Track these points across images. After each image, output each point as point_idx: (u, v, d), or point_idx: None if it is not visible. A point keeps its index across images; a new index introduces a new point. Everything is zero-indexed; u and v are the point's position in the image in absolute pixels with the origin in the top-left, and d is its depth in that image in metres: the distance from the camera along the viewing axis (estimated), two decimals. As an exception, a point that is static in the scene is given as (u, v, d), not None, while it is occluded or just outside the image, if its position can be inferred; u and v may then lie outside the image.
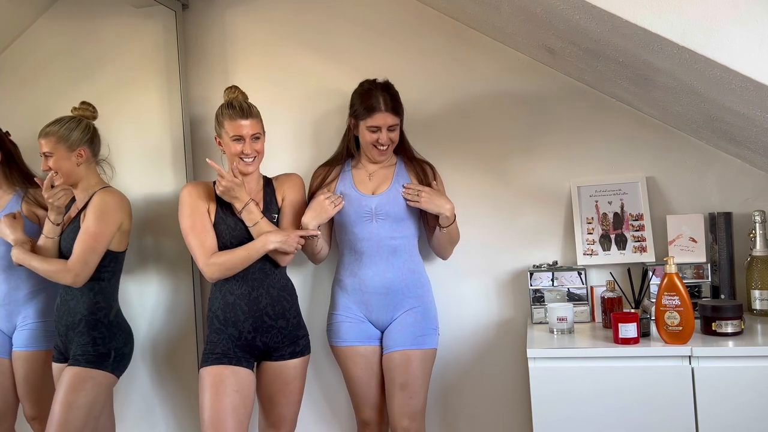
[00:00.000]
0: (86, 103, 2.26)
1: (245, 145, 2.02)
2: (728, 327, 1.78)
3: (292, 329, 2.07)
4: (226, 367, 1.97)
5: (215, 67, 2.51)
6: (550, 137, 2.25)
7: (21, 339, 2.25)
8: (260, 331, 2.02)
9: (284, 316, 2.05)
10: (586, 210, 2.21)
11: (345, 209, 2.09)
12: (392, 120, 2.04)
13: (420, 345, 2.05)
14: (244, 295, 2.01)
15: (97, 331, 2.11)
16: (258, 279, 2.03)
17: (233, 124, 2.02)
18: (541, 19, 1.73)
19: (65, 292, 2.15)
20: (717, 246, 2.06)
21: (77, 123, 2.18)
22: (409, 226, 2.10)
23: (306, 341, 2.12)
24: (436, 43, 2.33)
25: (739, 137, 1.86)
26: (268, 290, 2.04)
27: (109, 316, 2.15)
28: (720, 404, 1.69)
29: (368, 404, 2.11)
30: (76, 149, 2.15)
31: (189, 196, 2.05)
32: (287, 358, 2.06)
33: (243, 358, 2.01)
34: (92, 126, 2.23)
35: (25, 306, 2.27)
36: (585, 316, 2.11)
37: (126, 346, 2.18)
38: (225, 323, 2.02)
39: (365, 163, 2.14)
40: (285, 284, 2.10)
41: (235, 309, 2.01)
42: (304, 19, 2.44)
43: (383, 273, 2.06)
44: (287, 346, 2.06)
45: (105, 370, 2.09)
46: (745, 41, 1.29)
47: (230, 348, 2.00)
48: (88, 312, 2.11)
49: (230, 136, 2.02)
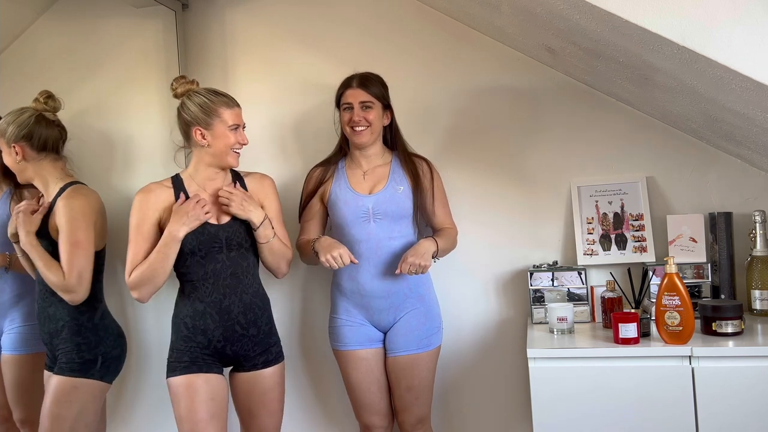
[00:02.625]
0: (43, 93, 2.11)
1: (239, 133, 1.93)
2: (728, 327, 1.78)
3: (263, 337, 1.98)
4: (197, 375, 1.88)
5: (215, 67, 2.51)
6: (550, 137, 2.25)
7: (9, 343, 2.22)
8: (230, 340, 1.92)
9: (256, 323, 1.96)
10: (586, 210, 2.20)
11: (341, 210, 2.07)
12: (363, 96, 2.03)
13: (426, 347, 2.05)
14: (215, 303, 1.91)
15: (81, 336, 2.02)
16: (230, 285, 1.92)
17: (232, 112, 1.92)
18: (541, 19, 1.73)
19: (41, 298, 2.06)
20: (717, 246, 2.06)
21: (16, 115, 2.04)
22: (407, 225, 2.08)
23: (278, 348, 2.03)
24: (437, 43, 2.33)
25: (739, 137, 1.86)
26: (240, 297, 1.93)
27: (93, 319, 2.06)
28: (720, 404, 1.69)
29: (369, 408, 2.10)
30: (12, 145, 2.02)
31: (140, 205, 1.91)
32: (260, 368, 1.97)
33: (212, 364, 1.92)
34: (35, 118, 2.06)
35: (12, 309, 2.23)
36: (585, 316, 2.11)
37: (115, 348, 2.09)
38: (194, 331, 1.91)
39: (359, 161, 2.12)
40: (257, 290, 2.00)
41: (205, 317, 1.90)
42: (304, 19, 2.43)
43: (382, 277, 2.03)
44: (259, 354, 1.97)
45: (92, 378, 2.01)
46: (745, 41, 1.29)
47: (198, 355, 1.90)
48: (70, 317, 2.02)
49: (228, 126, 1.91)
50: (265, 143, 2.45)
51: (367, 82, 2.06)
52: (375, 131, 2.07)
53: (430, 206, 2.11)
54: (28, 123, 2.05)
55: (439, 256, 2.05)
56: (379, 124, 2.08)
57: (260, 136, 2.45)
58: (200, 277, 1.92)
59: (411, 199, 2.07)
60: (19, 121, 2.03)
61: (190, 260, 1.91)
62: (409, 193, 2.07)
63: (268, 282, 2.17)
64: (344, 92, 2.07)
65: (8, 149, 2.04)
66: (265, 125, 2.45)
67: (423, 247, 1.98)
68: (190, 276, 1.93)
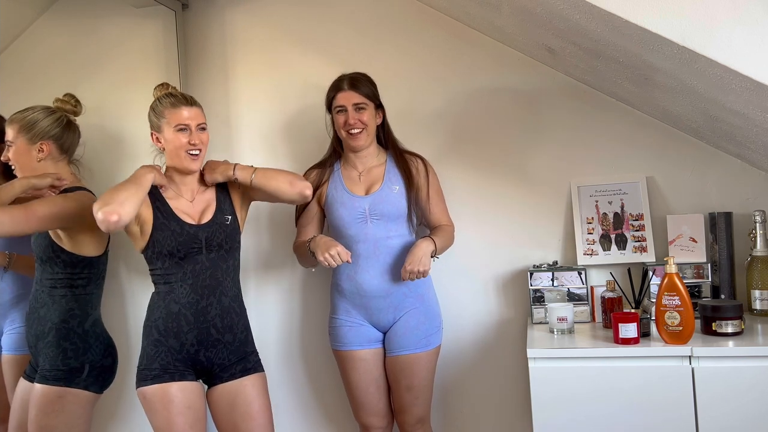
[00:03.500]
0: (69, 95, 2.11)
1: (192, 135, 1.85)
2: (728, 327, 1.78)
3: (239, 345, 1.90)
4: (169, 384, 1.79)
5: (215, 67, 2.51)
6: (550, 137, 2.25)
7: (9, 343, 2.22)
8: (205, 344, 1.84)
9: (232, 330, 1.88)
10: (586, 210, 2.20)
11: (338, 212, 2.06)
12: (356, 98, 2.02)
13: (425, 347, 2.05)
14: (191, 304, 1.83)
15: (68, 341, 1.94)
16: (209, 286, 1.86)
17: (176, 113, 1.84)
18: (541, 19, 1.73)
19: (34, 299, 2.01)
20: (717, 246, 2.06)
21: (47, 114, 2.00)
22: (404, 224, 2.07)
23: (256, 358, 1.95)
24: (437, 43, 2.33)
25: (739, 137, 1.86)
26: (219, 299, 1.86)
27: (84, 324, 1.98)
28: (720, 404, 1.69)
29: (368, 409, 2.09)
30: (37, 142, 1.97)
31: None
32: (239, 376, 1.88)
33: (185, 371, 1.83)
34: (66, 120, 2.06)
35: (12, 310, 2.22)
36: (585, 316, 2.11)
37: (106, 358, 2.02)
38: (165, 334, 1.82)
39: (354, 162, 2.11)
40: (236, 294, 1.93)
41: (179, 319, 1.82)
42: (304, 19, 2.43)
43: (382, 275, 2.03)
44: (236, 363, 1.89)
45: (77, 388, 1.92)
46: (745, 41, 1.29)
47: (170, 362, 1.81)
48: (59, 320, 1.95)
49: (174, 126, 1.83)
50: (264, 143, 2.45)
51: (358, 83, 2.05)
52: (370, 133, 2.07)
53: (425, 203, 2.10)
54: (60, 123, 2.03)
55: (438, 254, 2.05)
56: (374, 124, 2.08)
57: (259, 135, 2.45)
58: (178, 279, 1.85)
59: (406, 198, 2.06)
60: (50, 120, 2.00)
61: (168, 262, 1.85)
62: (404, 192, 2.07)
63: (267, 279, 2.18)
64: (336, 95, 2.05)
65: (30, 146, 1.98)
66: (264, 125, 2.45)
67: (420, 251, 1.97)
68: (168, 278, 1.86)
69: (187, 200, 1.92)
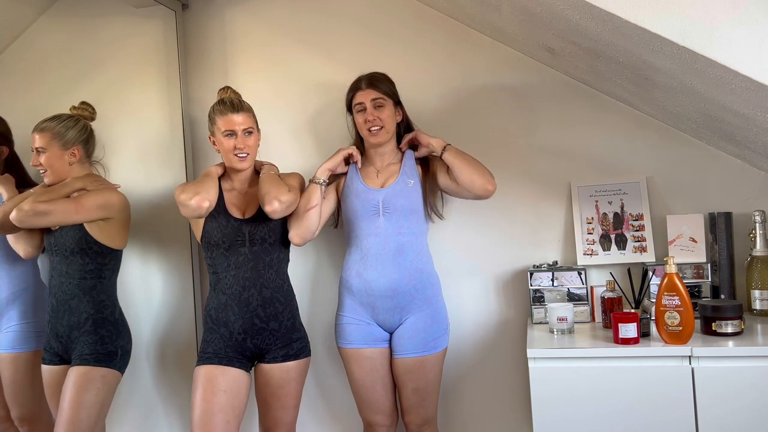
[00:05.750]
0: (86, 103, 2.27)
1: (237, 139, 2.02)
2: (728, 327, 1.78)
3: (285, 332, 2.04)
4: (216, 367, 1.97)
5: (215, 66, 2.51)
6: (550, 137, 2.25)
7: (6, 341, 2.24)
8: (250, 333, 2.00)
9: (277, 318, 2.03)
10: (586, 210, 2.21)
11: (352, 203, 2.09)
12: (374, 94, 2.06)
13: (432, 350, 2.05)
14: (235, 295, 2.00)
15: (104, 329, 2.11)
16: (250, 278, 2.01)
17: (225, 119, 2.02)
18: (541, 19, 1.73)
19: (61, 291, 2.12)
20: (717, 246, 2.06)
21: (75, 122, 2.19)
22: (416, 221, 2.07)
23: (302, 344, 2.08)
24: (436, 43, 2.33)
25: (739, 137, 1.86)
26: (260, 290, 2.01)
27: (114, 314, 2.16)
28: (720, 404, 1.69)
29: (372, 407, 2.10)
30: (70, 148, 2.16)
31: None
32: (280, 361, 2.02)
33: (235, 358, 2.00)
34: (89, 126, 2.24)
35: (8, 307, 2.26)
36: (585, 316, 2.11)
37: (129, 344, 2.20)
38: (217, 323, 2.02)
39: (373, 159, 2.14)
40: (281, 285, 2.06)
41: (227, 309, 2.00)
42: (304, 19, 2.44)
43: (390, 274, 2.03)
44: (280, 348, 2.03)
45: (113, 368, 2.10)
46: (745, 41, 1.29)
47: (221, 348, 2.00)
48: (94, 310, 2.11)
49: (222, 132, 2.02)
50: (264, 143, 2.45)
51: (376, 82, 2.08)
52: (390, 130, 2.09)
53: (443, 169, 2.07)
54: (86, 130, 2.22)
55: (456, 157, 2.01)
56: (393, 121, 2.10)
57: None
58: (223, 269, 2.02)
59: (421, 193, 2.08)
60: (79, 127, 2.19)
61: (216, 252, 2.03)
62: (419, 186, 2.08)
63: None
64: (354, 95, 2.10)
65: (63, 152, 2.15)
66: (264, 125, 2.45)
67: (434, 138, 2.08)
68: (215, 268, 2.04)
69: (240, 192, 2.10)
